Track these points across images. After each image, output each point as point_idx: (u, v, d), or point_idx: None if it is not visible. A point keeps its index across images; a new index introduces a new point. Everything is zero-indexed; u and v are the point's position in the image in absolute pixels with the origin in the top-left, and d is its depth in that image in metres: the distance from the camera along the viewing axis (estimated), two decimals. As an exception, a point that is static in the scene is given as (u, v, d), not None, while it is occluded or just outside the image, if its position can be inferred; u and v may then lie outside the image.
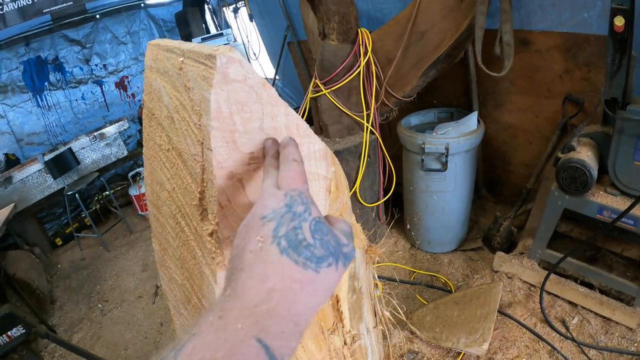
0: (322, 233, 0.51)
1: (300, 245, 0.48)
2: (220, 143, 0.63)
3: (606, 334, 2.74)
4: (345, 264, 0.52)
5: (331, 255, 0.50)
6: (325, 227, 0.52)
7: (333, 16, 3.12)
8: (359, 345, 1.12)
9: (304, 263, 0.47)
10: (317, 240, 0.50)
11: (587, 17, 2.76)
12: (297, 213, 0.50)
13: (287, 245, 0.48)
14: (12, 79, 5.92)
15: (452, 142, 3.17)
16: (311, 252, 0.48)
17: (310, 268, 0.48)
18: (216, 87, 0.61)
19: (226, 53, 0.61)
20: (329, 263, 0.49)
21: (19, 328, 3.13)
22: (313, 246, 0.49)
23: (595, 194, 2.65)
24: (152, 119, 0.93)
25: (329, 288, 0.51)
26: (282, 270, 0.47)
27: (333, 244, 0.51)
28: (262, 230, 0.49)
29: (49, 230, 6.24)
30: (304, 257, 0.48)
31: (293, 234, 0.49)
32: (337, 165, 0.90)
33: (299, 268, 0.47)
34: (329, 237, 0.51)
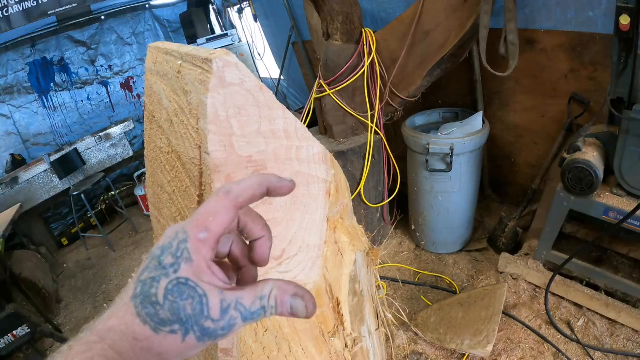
0: (178, 297, 0.45)
1: (148, 299, 0.45)
2: (218, 147, 0.63)
3: (612, 336, 2.72)
4: (202, 339, 0.47)
5: (178, 323, 0.45)
6: (188, 291, 0.46)
7: (337, 16, 3.12)
8: (360, 348, 1.12)
9: (144, 318, 0.45)
10: (167, 301, 0.45)
11: (593, 16, 2.74)
12: (162, 264, 0.46)
13: (140, 293, 0.45)
14: (18, 80, 5.96)
15: (457, 142, 3.15)
16: (155, 311, 0.45)
17: (149, 325, 0.45)
18: (213, 91, 0.61)
19: (222, 57, 0.60)
20: (173, 330, 0.45)
21: (25, 327, 3.15)
22: (160, 306, 0.45)
23: (601, 194, 2.62)
24: (152, 122, 0.93)
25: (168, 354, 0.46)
26: (125, 315, 0.45)
27: (189, 313, 0.45)
28: (141, 265, 0.47)
29: (55, 230, 6.28)
30: (146, 313, 0.45)
31: (149, 285, 0.45)
32: (337, 168, 0.90)
33: (138, 320, 0.45)
34: (186, 303, 0.45)
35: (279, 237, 0.77)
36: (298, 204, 0.80)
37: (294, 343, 0.90)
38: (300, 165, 0.78)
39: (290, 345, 0.89)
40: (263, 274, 0.76)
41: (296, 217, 0.80)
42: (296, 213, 0.80)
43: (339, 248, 0.96)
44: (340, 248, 0.96)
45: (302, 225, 0.81)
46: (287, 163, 0.75)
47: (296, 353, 0.91)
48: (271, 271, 0.78)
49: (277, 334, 0.86)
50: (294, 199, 0.78)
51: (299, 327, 0.89)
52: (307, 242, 0.84)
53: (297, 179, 0.78)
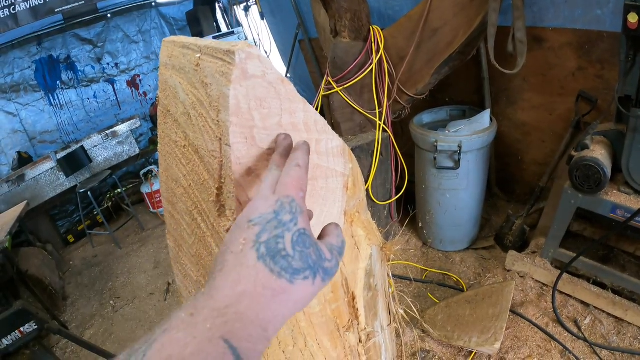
0: (304, 245, 0.51)
1: (278, 254, 0.49)
2: (239, 139, 0.63)
3: (618, 334, 2.72)
4: (325, 279, 0.53)
5: (309, 269, 0.50)
6: (309, 239, 0.52)
7: (345, 13, 3.12)
8: (373, 343, 1.12)
9: (279, 272, 0.48)
10: (296, 252, 0.50)
11: (601, 14, 2.74)
12: (282, 221, 0.51)
13: (266, 252, 0.48)
14: (24, 78, 5.97)
15: (465, 139, 3.15)
16: (288, 263, 0.49)
17: (285, 278, 0.48)
18: (235, 82, 0.61)
19: (245, 49, 0.60)
20: (305, 276, 0.50)
21: (32, 324, 3.15)
22: (291, 257, 0.49)
23: (609, 192, 2.62)
24: (167, 116, 0.93)
25: (302, 300, 0.51)
26: (256, 276, 0.47)
27: (314, 258, 0.52)
28: (246, 233, 0.50)
29: (62, 228, 6.29)
30: (280, 267, 0.48)
31: (274, 242, 0.49)
32: (354, 162, 0.90)
33: (273, 276, 0.48)
34: (310, 250, 0.52)
35: None
36: (316, 197, 0.79)
37: (310, 337, 0.89)
38: (319, 158, 0.78)
39: (306, 339, 0.89)
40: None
41: (315, 210, 0.79)
42: (315, 206, 0.79)
43: (355, 242, 0.96)
44: (357, 242, 0.96)
45: (320, 218, 0.81)
46: None
47: (312, 347, 0.90)
48: None
49: (294, 328, 0.86)
50: (312, 192, 0.78)
51: (315, 322, 0.89)
52: None
53: (316, 172, 0.78)
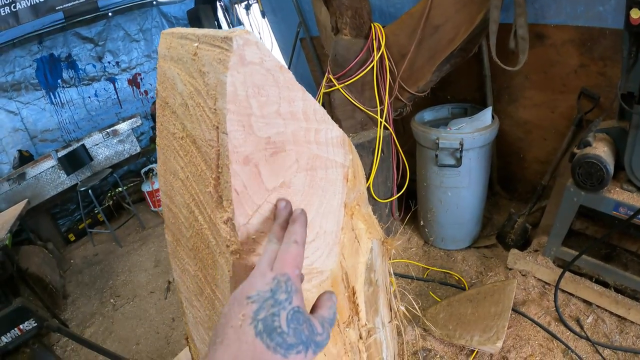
0: (297, 322, 0.54)
1: (274, 331, 0.52)
2: (236, 127, 0.62)
3: (621, 333, 2.70)
4: (316, 351, 0.56)
5: (302, 344, 0.54)
6: (302, 317, 0.56)
7: (346, 11, 3.11)
8: (374, 339, 1.11)
9: (274, 348, 0.51)
10: (291, 329, 0.53)
11: (603, 11, 2.72)
12: (278, 300, 0.54)
13: (263, 329, 0.52)
14: (25, 76, 5.98)
15: (467, 137, 3.14)
16: (283, 339, 0.52)
17: (280, 353, 0.51)
18: (232, 69, 0.59)
19: (243, 35, 0.59)
20: (298, 350, 0.53)
21: (31, 322, 3.15)
22: (286, 334, 0.53)
23: (612, 190, 2.60)
24: (165, 108, 0.92)
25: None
26: (254, 351, 0.51)
27: (306, 333, 0.55)
28: (245, 309, 0.54)
29: (62, 226, 6.30)
30: (275, 343, 0.52)
31: (270, 320, 0.53)
32: (354, 153, 0.89)
33: (269, 352, 0.51)
34: (303, 326, 0.55)
35: None
36: (316, 187, 0.78)
37: (309, 332, 0.88)
38: (318, 148, 0.77)
39: (305, 334, 0.87)
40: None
41: (314, 202, 0.78)
42: (314, 197, 0.78)
43: (356, 235, 0.95)
44: (357, 235, 0.95)
45: (320, 210, 0.80)
46: (305, 145, 0.74)
47: None
48: None
49: (293, 324, 0.84)
50: (312, 182, 0.77)
51: (315, 317, 0.88)
52: (324, 228, 0.82)
53: (315, 162, 0.77)
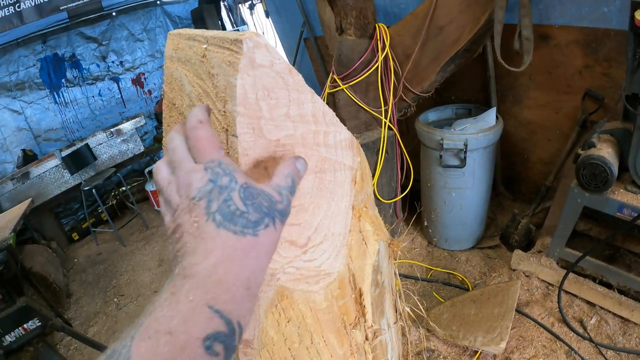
0: (252, 197, 0.52)
1: (234, 215, 0.50)
2: (246, 129, 0.62)
3: (624, 334, 2.70)
4: (283, 220, 0.55)
5: (266, 216, 0.52)
6: (254, 190, 0.53)
7: (350, 11, 3.11)
8: (379, 340, 1.11)
9: (241, 231, 0.49)
10: (248, 205, 0.51)
11: (607, 12, 2.72)
12: (223, 186, 0.51)
13: (222, 218, 0.49)
14: (29, 76, 5.98)
15: (471, 138, 3.13)
16: (246, 219, 0.50)
17: (249, 234, 0.50)
18: (242, 72, 0.60)
19: (253, 37, 0.60)
20: (266, 224, 0.52)
21: (35, 321, 3.17)
22: (247, 212, 0.51)
23: (616, 191, 2.60)
24: (172, 109, 0.93)
25: (271, 246, 0.54)
26: (223, 243, 0.48)
27: (266, 204, 0.53)
28: (194, 210, 0.50)
29: (66, 225, 6.32)
30: (241, 226, 0.49)
31: (225, 207, 0.50)
32: (362, 155, 0.89)
33: (238, 237, 0.49)
34: (260, 198, 0.53)
35: (304, 224, 0.76)
36: (324, 190, 0.78)
37: (316, 334, 0.88)
38: (327, 150, 0.77)
39: (312, 336, 0.88)
40: (288, 261, 0.76)
41: (322, 204, 0.79)
42: (322, 200, 0.78)
43: (363, 237, 0.95)
44: (365, 237, 0.95)
45: (328, 212, 0.80)
46: (314, 148, 0.74)
47: (318, 345, 0.89)
48: (296, 259, 0.77)
49: (300, 324, 0.85)
50: (320, 185, 0.77)
51: (322, 318, 0.88)
52: (332, 230, 0.83)
53: (324, 164, 0.77)
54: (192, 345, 0.42)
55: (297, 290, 0.81)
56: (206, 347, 0.43)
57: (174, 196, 0.54)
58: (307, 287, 0.82)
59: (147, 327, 0.43)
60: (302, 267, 0.79)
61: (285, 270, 0.76)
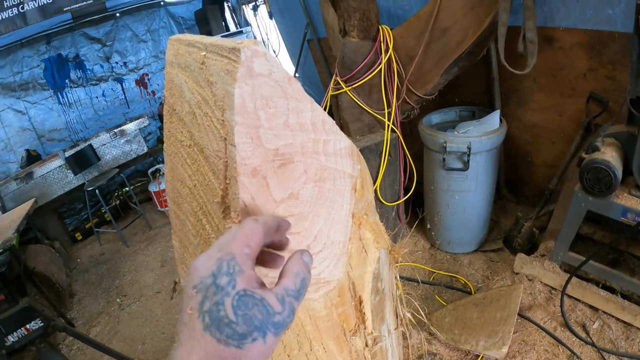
0: (245, 308, 0.49)
1: (221, 322, 0.48)
2: (244, 139, 0.62)
3: (627, 339, 2.68)
4: (277, 333, 0.51)
5: (255, 330, 0.49)
6: (251, 300, 0.50)
7: (354, 13, 3.11)
8: (380, 347, 1.10)
9: (225, 341, 0.47)
10: (239, 316, 0.48)
11: (612, 14, 2.70)
12: (219, 286, 0.49)
13: (210, 321, 0.48)
14: (33, 76, 6.02)
15: (474, 141, 3.13)
16: (233, 330, 0.48)
17: (232, 345, 0.47)
18: (240, 81, 0.59)
19: (251, 46, 0.59)
20: (254, 338, 0.49)
21: (38, 321, 3.18)
22: (235, 323, 0.48)
23: (620, 195, 2.58)
24: (173, 115, 0.92)
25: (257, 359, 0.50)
26: (205, 347, 0.47)
27: (260, 317, 0.50)
28: (192, 301, 0.49)
29: (69, 225, 6.34)
30: (225, 335, 0.47)
31: (215, 310, 0.48)
32: (362, 163, 0.89)
33: (221, 345, 0.47)
34: (254, 310, 0.50)
35: (303, 232, 0.76)
36: (324, 198, 0.78)
37: (315, 342, 0.88)
38: (327, 159, 0.76)
39: (311, 343, 0.87)
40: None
41: (322, 213, 0.78)
42: (322, 208, 0.78)
43: (363, 245, 0.94)
44: (365, 245, 0.95)
45: (328, 220, 0.80)
46: (314, 157, 0.74)
47: (317, 352, 0.89)
48: None
49: (299, 332, 0.84)
50: (320, 193, 0.77)
51: (321, 326, 0.88)
52: (331, 239, 0.82)
53: (323, 173, 0.77)
54: None
55: (296, 299, 0.80)
56: None
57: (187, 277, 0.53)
58: (306, 295, 0.82)
59: None
60: (302, 276, 0.78)
61: (284, 278, 0.75)
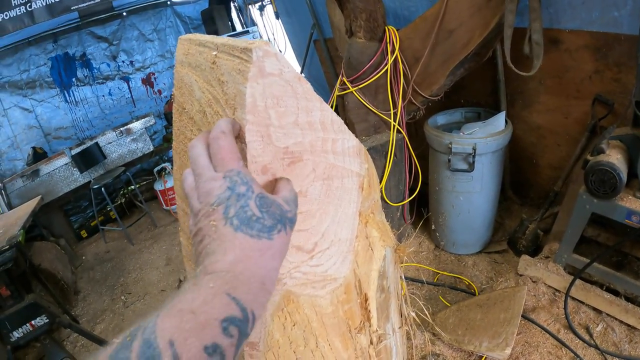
0: (267, 205, 0.58)
1: (250, 220, 0.56)
2: (255, 137, 0.63)
3: (630, 342, 2.68)
4: (292, 227, 0.61)
5: (279, 223, 0.58)
6: (268, 199, 0.59)
7: (360, 14, 3.11)
8: (384, 345, 1.11)
9: (257, 235, 0.55)
10: (264, 212, 0.57)
11: (618, 16, 2.69)
12: (240, 194, 0.56)
13: (240, 223, 0.55)
14: (40, 74, 6.05)
15: (480, 142, 3.12)
16: (262, 224, 0.56)
17: (264, 237, 0.56)
18: (252, 80, 0.61)
19: (262, 46, 0.60)
20: (279, 229, 0.58)
21: (43, 317, 3.19)
22: (262, 218, 0.56)
23: (624, 198, 2.57)
24: (182, 114, 0.93)
25: (283, 249, 0.60)
26: (241, 244, 0.54)
27: (278, 212, 0.59)
28: (213, 215, 0.56)
29: (75, 223, 6.35)
30: (257, 230, 0.56)
31: (242, 212, 0.55)
32: (370, 162, 0.90)
33: (255, 240, 0.55)
34: (273, 207, 0.58)
35: (311, 230, 0.77)
36: (332, 197, 0.79)
37: (321, 338, 0.89)
38: (335, 158, 0.78)
39: (317, 340, 0.88)
40: (295, 266, 0.76)
41: (329, 210, 0.79)
42: (330, 206, 0.79)
43: (370, 243, 0.95)
44: (371, 243, 0.96)
45: (335, 218, 0.81)
46: (322, 155, 0.75)
47: (322, 348, 0.90)
48: (302, 265, 0.78)
49: (305, 328, 0.85)
50: (328, 191, 0.78)
51: (327, 322, 0.89)
52: (339, 236, 0.83)
53: (332, 172, 0.78)
54: (211, 325, 0.47)
55: (303, 295, 0.82)
56: (223, 328, 0.47)
57: (195, 202, 0.59)
58: (313, 292, 0.83)
59: (171, 307, 0.47)
60: (309, 272, 0.80)
61: (292, 275, 0.77)
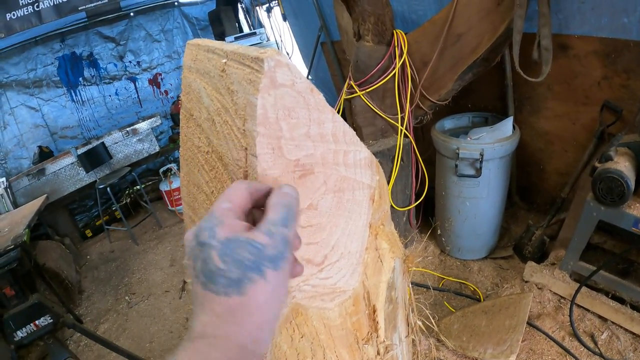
0: (232, 252, 0.48)
1: (213, 275, 0.47)
2: (266, 149, 0.62)
3: (635, 351, 2.65)
4: (278, 266, 0.50)
5: (249, 270, 0.47)
6: (234, 243, 0.48)
7: (368, 17, 3.10)
8: (391, 355, 1.10)
9: (224, 292, 0.46)
10: (228, 263, 0.47)
11: (627, 23, 2.67)
12: (203, 243, 0.49)
13: (205, 279, 0.47)
14: (47, 74, 6.08)
15: (487, 147, 3.11)
16: (226, 278, 0.47)
17: (234, 293, 0.47)
18: (263, 91, 0.59)
19: (274, 56, 0.59)
20: (250, 279, 0.47)
21: (47, 317, 3.19)
22: (225, 270, 0.47)
23: (632, 206, 2.55)
24: (190, 120, 0.92)
25: (265, 301, 0.49)
26: (209, 304, 0.47)
27: (250, 257, 0.48)
28: (189, 270, 0.50)
29: (80, 222, 6.39)
30: (222, 286, 0.47)
31: (205, 266, 0.48)
32: (381, 174, 0.88)
33: (222, 297, 0.46)
34: (242, 252, 0.48)
35: (321, 243, 0.76)
36: (342, 209, 0.78)
37: (329, 350, 0.88)
38: (347, 170, 0.76)
39: (325, 351, 0.87)
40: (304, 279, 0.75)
41: (340, 223, 0.78)
42: (340, 219, 0.78)
43: (379, 255, 0.94)
44: (381, 255, 0.94)
45: (345, 231, 0.80)
46: (333, 168, 0.73)
47: (330, 359, 0.89)
48: (312, 277, 0.77)
49: (313, 340, 0.84)
50: (339, 204, 0.77)
51: (335, 334, 0.88)
52: (348, 249, 0.82)
53: (343, 184, 0.77)
54: None
55: (312, 307, 0.81)
56: None
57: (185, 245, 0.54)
58: (322, 304, 0.82)
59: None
60: (318, 285, 0.79)
61: (301, 288, 0.75)
